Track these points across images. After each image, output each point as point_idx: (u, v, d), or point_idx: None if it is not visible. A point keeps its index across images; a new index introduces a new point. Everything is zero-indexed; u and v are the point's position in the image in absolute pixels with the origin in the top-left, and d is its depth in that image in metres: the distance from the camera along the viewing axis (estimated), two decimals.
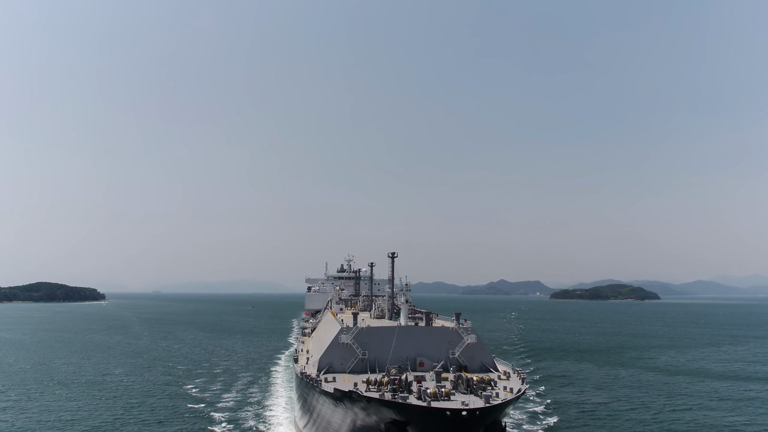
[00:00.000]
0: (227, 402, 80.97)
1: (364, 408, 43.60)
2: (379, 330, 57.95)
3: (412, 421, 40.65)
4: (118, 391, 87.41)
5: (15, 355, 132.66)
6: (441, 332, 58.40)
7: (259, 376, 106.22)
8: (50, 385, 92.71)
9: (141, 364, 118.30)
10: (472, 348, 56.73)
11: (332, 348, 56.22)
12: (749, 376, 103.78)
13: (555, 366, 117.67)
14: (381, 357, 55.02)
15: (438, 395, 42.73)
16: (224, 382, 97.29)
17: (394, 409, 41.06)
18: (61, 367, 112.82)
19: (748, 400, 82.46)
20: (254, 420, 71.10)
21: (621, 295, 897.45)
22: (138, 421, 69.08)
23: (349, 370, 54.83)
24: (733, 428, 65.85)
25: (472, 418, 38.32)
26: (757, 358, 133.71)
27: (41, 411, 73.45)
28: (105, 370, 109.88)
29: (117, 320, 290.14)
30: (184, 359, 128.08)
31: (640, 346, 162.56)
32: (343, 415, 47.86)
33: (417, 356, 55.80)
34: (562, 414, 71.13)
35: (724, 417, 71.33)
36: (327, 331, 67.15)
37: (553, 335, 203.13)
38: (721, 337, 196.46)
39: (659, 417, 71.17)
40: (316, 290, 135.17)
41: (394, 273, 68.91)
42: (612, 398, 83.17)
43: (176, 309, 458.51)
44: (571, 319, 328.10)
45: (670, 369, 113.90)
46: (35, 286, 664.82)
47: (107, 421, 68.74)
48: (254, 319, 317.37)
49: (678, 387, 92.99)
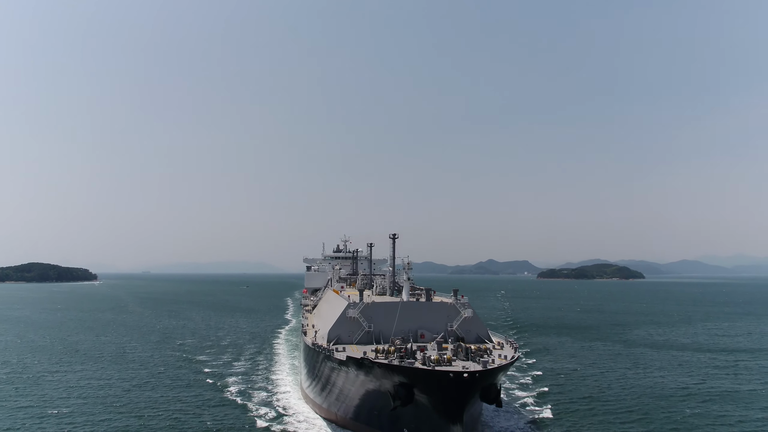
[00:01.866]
0: (238, 369, 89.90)
1: (373, 373, 48.38)
2: (384, 305, 63.33)
3: (418, 384, 44.85)
4: (140, 363, 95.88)
5: (34, 333, 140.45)
6: (440, 307, 63.49)
7: (264, 347, 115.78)
8: (78, 358, 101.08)
9: (153, 340, 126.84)
10: (468, 321, 61.98)
11: (340, 321, 61.17)
12: (710, 348, 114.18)
13: (540, 340, 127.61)
14: (385, 330, 60.12)
15: (440, 361, 47.14)
16: (232, 353, 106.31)
17: (402, 374, 45.39)
18: (81, 343, 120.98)
19: (705, 367, 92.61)
20: (264, 382, 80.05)
21: (606, 275, 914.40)
22: (166, 385, 77.72)
23: (356, 341, 59.79)
24: (684, 387, 75.80)
25: (472, 381, 42.90)
26: (723, 332, 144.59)
27: (79, 379, 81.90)
28: (122, 345, 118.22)
29: (117, 300, 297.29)
30: (191, 335, 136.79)
31: (619, 322, 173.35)
32: (354, 380, 52.29)
33: (418, 329, 60.61)
34: (549, 381, 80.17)
35: (680, 379, 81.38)
36: (333, 306, 72.97)
37: (539, 312, 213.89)
38: (695, 314, 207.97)
39: (625, 381, 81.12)
40: (315, 269, 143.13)
41: (395, 253, 74.72)
42: (590, 367, 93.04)
43: (172, 289, 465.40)
44: (556, 297, 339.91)
45: (643, 342, 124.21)
46: (27, 266, 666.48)
47: (138, 385, 77.47)
48: (250, 298, 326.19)
49: (646, 356, 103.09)
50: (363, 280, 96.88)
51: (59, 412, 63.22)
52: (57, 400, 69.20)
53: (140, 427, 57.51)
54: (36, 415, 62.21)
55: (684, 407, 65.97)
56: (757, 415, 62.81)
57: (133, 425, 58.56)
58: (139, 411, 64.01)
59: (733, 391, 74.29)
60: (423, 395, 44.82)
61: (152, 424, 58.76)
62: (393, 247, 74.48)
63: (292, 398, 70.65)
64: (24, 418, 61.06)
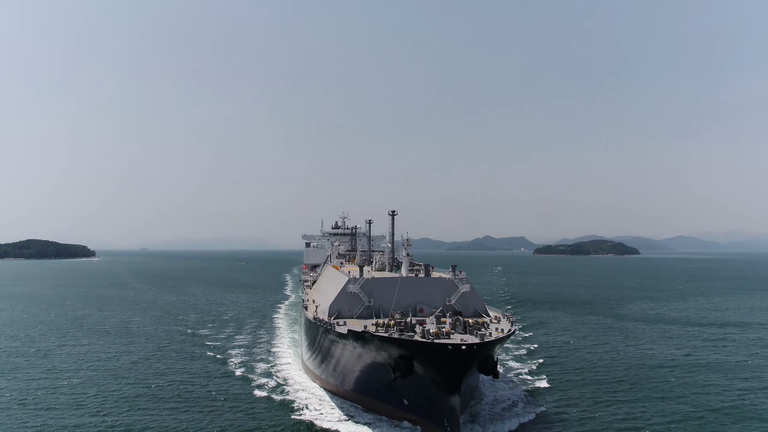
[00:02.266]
0: (240, 342, 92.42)
1: (374, 346, 49.56)
2: (383, 280, 64.10)
3: (417, 356, 45.90)
4: (145, 336, 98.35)
5: (38, 309, 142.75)
6: (439, 282, 64.34)
7: (264, 321, 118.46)
8: (84, 332, 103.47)
9: (156, 315, 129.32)
10: (466, 296, 62.96)
11: (341, 296, 61.97)
12: (700, 322, 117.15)
13: (536, 314, 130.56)
14: (385, 304, 61.08)
15: (439, 335, 48.01)
16: (234, 327, 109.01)
17: (402, 346, 46.48)
18: (86, 318, 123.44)
19: (693, 340, 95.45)
20: (265, 354, 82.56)
21: (602, 251, 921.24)
22: (171, 358, 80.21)
23: (356, 316, 60.63)
24: (672, 359, 78.60)
25: (470, 353, 43.86)
26: (713, 307, 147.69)
27: (86, 353, 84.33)
28: (126, 320, 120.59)
29: (117, 276, 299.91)
30: (193, 310, 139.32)
31: (612, 297, 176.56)
32: (355, 353, 53.47)
33: (417, 303, 61.67)
34: (544, 353, 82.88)
35: (668, 351, 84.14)
36: (333, 281, 73.95)
37: (534, 288, 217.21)
38: (687, 289, 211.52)
39: (616, 353, 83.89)
40: (314, 246, 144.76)
41: (394, 229, 75.78)
42: (583, 340, 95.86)
43: (171, 265, 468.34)
44: (552, 273, 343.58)
45: (634, 316, 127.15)
46: (26, 243, 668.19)
47: (144, 358, 79.95)
48: (249, 274, 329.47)
49: (637, 330, 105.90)
50: (362, 257, 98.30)
51: (70, 383, 65.63)
52: (67, 372, 71.66)
53: (149, 397, 59.91)
54: (49, 386, 64.58)
55: (670, 377, 68.72)
56: (740, 384, 65.54)
57: (142, 394, 60.98)
58: (147, 381, 66.46)
59: (719, 362, 77.13)
60: (422, 367, 46.04)
61: (160, 394, 61.18)
62: (392, 223, 75.44)
63: (293, 370, 72.87)
64: (37, 389, 63.44)
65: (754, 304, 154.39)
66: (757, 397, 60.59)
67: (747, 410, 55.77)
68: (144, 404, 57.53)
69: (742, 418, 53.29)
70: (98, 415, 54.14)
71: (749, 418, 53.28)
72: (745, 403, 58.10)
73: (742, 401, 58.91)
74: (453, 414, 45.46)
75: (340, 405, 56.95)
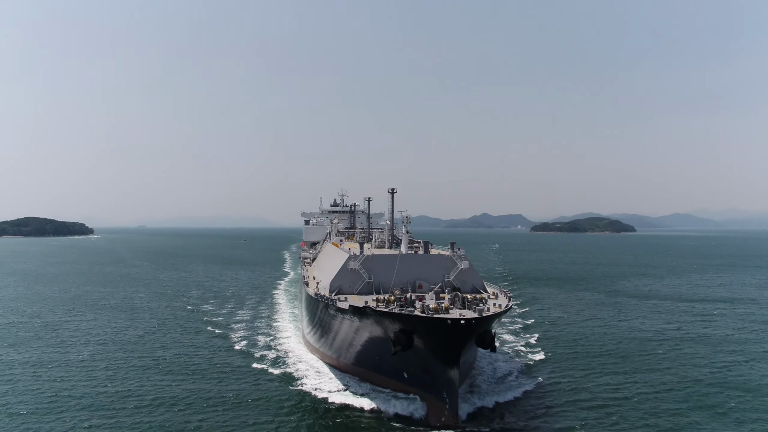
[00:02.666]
0: (242, 317, 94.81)
1: (375, 321, 50.59)
2: (384, 257, 65.07)
3: (417, 330, 46.86)
4: (149, 312, 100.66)
5: (43, 285, 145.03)
6: (438, 259, 65.19)
7: (265, 297, 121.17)
8: (89, 308, 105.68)
9: (158, 291, 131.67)
10: (464, 272, 63.85)
11: (342, 273, 62.91)
12: (690, 298, 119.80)
13: (532, 290, 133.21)
14: (385, 281, 62.07)
15: (438, 309, 49.20)
16: (235, 303, 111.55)
17: (402, 321, 47.37)
18: (90, 294, 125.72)
19: (683, 314, 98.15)
20: (266, 329, 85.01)
21: (598, 228, 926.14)
22: (175, 332, 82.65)
23: (356, 292, 61.70)
24: (661, 332, 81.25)
25: (468, 327, 45.01)
26: (705, 283, 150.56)
27: (93, 327, 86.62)
28: (128, 296, 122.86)
29: (117, 254, 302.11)
30: (195, 286, 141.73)
31: (606, 273, 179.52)
32: (356, 328, 54.66)
33: (416, 280, 62.54)
34: (539, 328, 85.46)
35: (659, 325, 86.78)
36: (334, 258, 75.33)
37: (531, 265, 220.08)
38: (680, 265, 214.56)
39: (608, 327, 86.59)
40: (314, 223, 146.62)
41: (393, 207, 76.33)
42: (577, 315, 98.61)
43: (170, 243, 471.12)
44: (548, 250, 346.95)
45: (627, 292, 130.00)
46: (24, 221, 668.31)
47: (150, 332, 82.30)
48: (248, 251, 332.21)
49: (629, 305, 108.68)
50: (361, 234, 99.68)
51: (79, 357, 67.89)
52: (77, 345, 73.95)
53: (158, 370, 62.14)
54: (60, 360, 66.77)
55: (658, 349, 71.34)
56: (725, 357, 68.06)
57: (150, 366, 63.38)
58: (154, 354, 68.88)
59: (706, 336, 79.78)
60: (422, 341, 47.27)
61: (166, 366, 63.52)
62: (392, 201, 76.02)
63: (293, 344, 75.13)
64: (48, 362, 65.63)
65: (745, 280, 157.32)
66: (741, 369, 63.10)
67: (731, 381, 58.18)
68: (153, 375, 59.82)
69: (726, 388, 55.73)
70: (109, 385, 56.39)
71: (732, 388, 55.68)
72: (730, 374, 60.57)
73: (728, 372, 61.40)
74: (452, 386, 46.83)
75: (340, 377, 58.87)
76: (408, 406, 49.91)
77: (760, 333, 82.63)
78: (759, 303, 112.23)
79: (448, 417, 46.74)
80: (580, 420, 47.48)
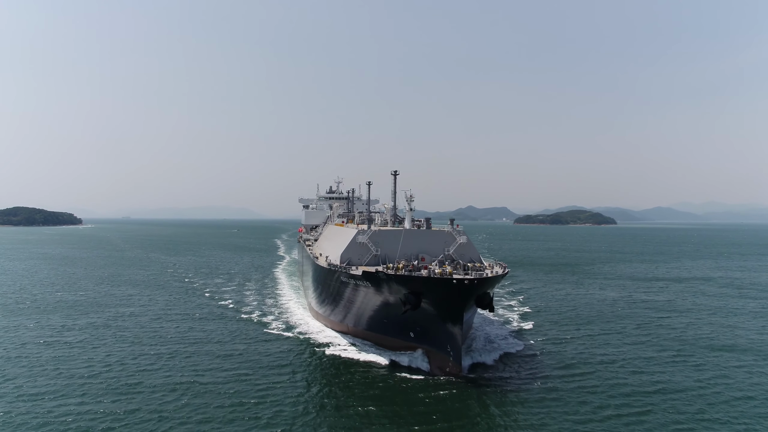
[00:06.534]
0: (249, 291, 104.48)
1: (385, 286, 54.68)
2: (389, 232, 69.44)
3: (426, 291, 50.72)
4: (163, 290, 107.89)
5: (73, 267, 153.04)
6: (439, 234, 69.52)
7: (267, 274, 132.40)
8: (123, 284, 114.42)
9: (168, 272, 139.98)
10: (463, 246, 68.62)
11: (351, 246, 67.18)
12: (661, 277, 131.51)
13: (517, 272, 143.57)
14: (390, 254, 66.48)
15: (443, 274, 53.21)
16: (242, 279, 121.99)
17: (411, 283, 51.37)
18: (119, 276, 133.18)
19: (656, 290, 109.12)
20: (273, 299, 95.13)
21: (580, 220, 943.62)
22: (194, 305, 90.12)
23: (365, 263, 65.60)
24: (635, 302, 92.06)
25: (471, 286, 49.52)
26: (672, 266, 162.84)
27: (129, 296, 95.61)
28: (140, 278, 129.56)
29: (112, 242, 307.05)
30: (202, 267, 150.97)
31: (583, 260, 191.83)
32: (367, 294, 58.60)
33: (419, 253, 66.76)
34: (528, 303, 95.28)
35: (632, 298, 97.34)
36: (341, 235, 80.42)
37: (515, 252, 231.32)
38: (653, 255, 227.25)
39: (583, 298, 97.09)
40: (313, 208, 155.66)
41: (396, 188, 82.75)
42: (561, 291, 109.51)
43: (162, 232, 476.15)
44: (530, 239, 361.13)
45: (600, 274, 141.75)
46: (13, 210, 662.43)
47: (172, 302, 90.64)
48: (243, 239, 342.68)
49: (604, 284, 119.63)
50: (360, 217, 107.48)
51: (114, 324, 75.83)
52: (112, 319, 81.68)
53: (180, 339, 67.84)
54: (101, 324, 75.09)
55: (632, 318, 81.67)
56: (682, 319, 78.76)
57: (172, 334, 69.85)
58: (176, 323, 76.06)
59: (670, 304, 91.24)
60: (428, 301, 51.59)
61: (188, 335, 69.83)
62: (394, 182, 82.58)
63: (303, 315, 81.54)
64: (105, 326, 73.41)
65: (707, 264, 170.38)
66: (701, 329, 73.33)
67: (686, 340, 67.87)
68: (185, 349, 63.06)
69: (684, 345, 65.45)
70: (152, 345, 63.87)
71: (690, 344, 65.48)
72: (686, 334, 70.68)
73: (684, 333, 71.66)
74: (455, 341, 51.49)
75: (351, 342, 64.66)
76: (415, 360, 55.34)
77: (715, 300, 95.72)
78: (713, 280, 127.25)
79: (452, 368, 51.84)
80: (569, 370, 56.00)
